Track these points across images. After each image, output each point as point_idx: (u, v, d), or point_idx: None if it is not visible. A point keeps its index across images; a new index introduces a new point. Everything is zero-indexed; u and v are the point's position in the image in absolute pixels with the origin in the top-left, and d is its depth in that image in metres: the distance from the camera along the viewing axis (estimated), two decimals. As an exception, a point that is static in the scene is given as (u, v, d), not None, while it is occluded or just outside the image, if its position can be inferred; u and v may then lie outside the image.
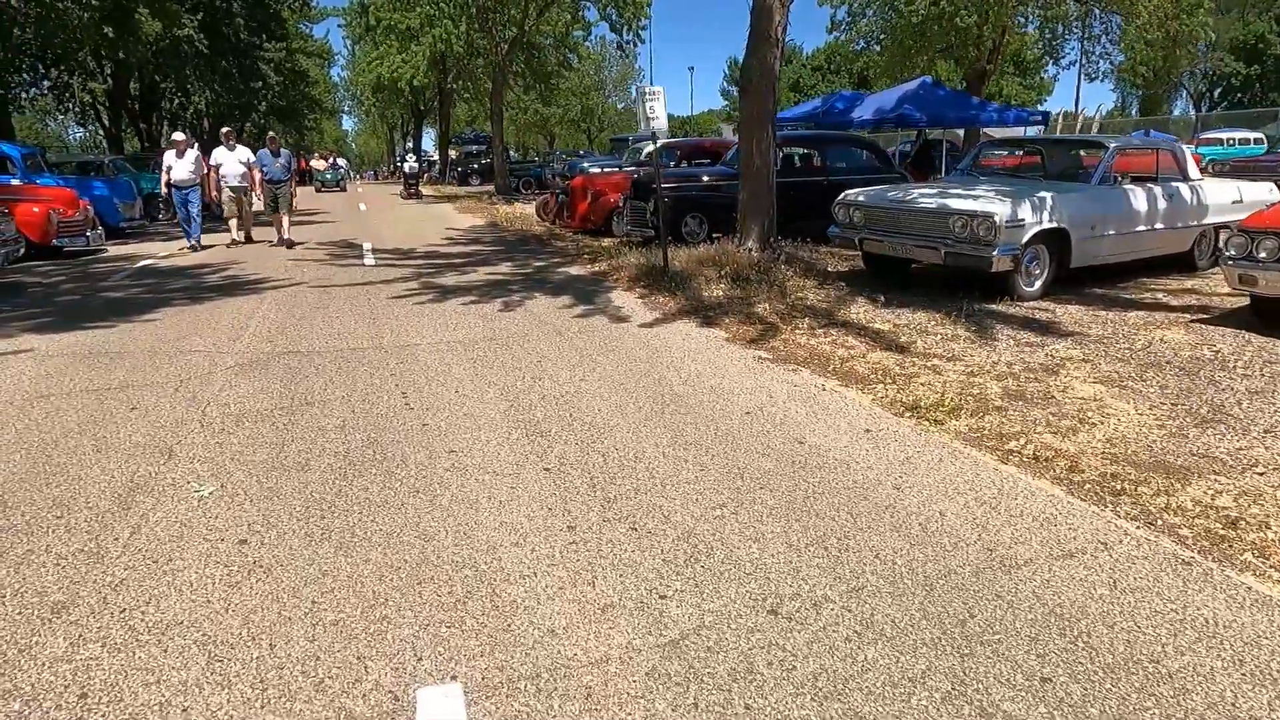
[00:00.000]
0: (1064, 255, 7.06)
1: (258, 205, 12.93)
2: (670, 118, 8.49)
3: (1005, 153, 11.39)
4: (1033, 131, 27.12)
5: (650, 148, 17.37)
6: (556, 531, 2.95)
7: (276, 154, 12.91)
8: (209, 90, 32.21)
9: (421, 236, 14.05)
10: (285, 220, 12.66)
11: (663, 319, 6.68)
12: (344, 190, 33.17)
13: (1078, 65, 28.65)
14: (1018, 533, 2.88)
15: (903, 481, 3.34)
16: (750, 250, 8.38)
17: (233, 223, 12.88)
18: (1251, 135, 28.90)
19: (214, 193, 12.60)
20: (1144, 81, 49.11)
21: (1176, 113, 54.68)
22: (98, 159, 18.32)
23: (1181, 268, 8.23)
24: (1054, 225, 6.83)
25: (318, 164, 37.01)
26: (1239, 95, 52.52)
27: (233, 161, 12.64)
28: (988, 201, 6.75)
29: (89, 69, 30.26)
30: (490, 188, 27.75)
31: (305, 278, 9.26)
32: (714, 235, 10.25)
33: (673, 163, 12.92)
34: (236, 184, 12.63)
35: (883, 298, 6.85)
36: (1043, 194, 6.90)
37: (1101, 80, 35.63)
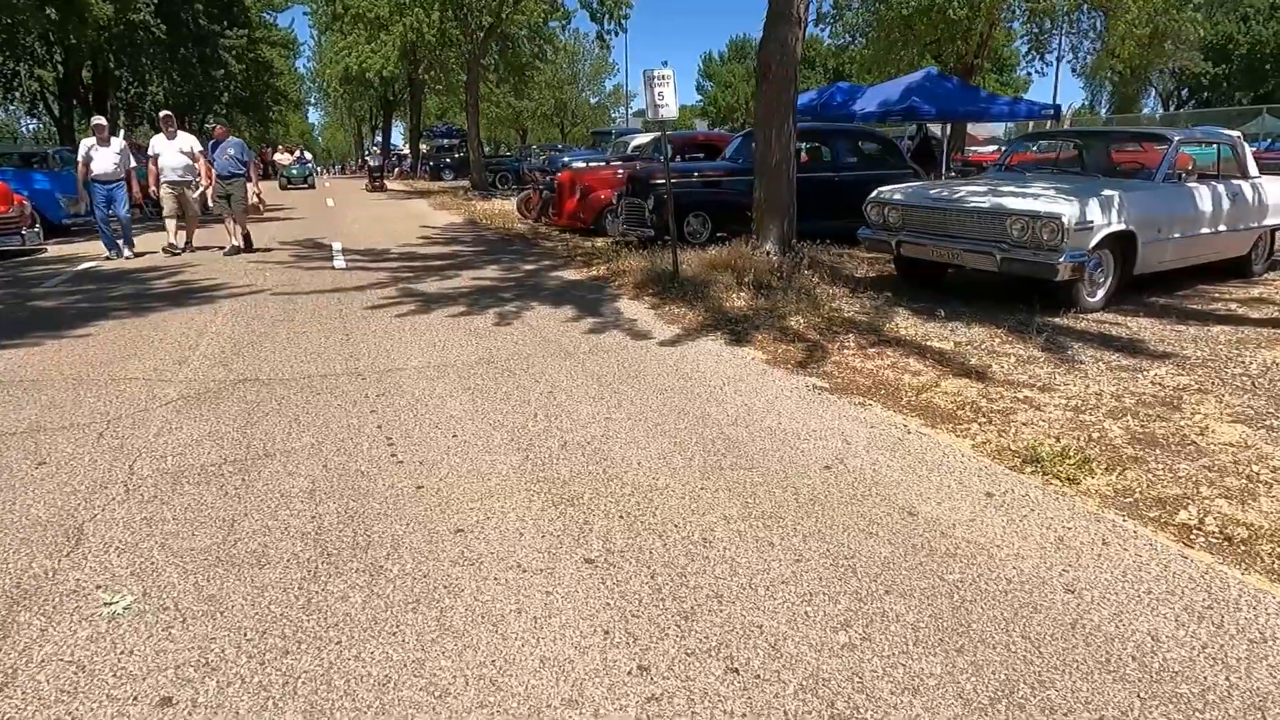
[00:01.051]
0: (1128, 261, 6.32)
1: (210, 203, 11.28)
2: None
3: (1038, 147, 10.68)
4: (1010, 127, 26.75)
5: (639, 140, 16.62)
6: (623, 676, 2.06)
7: (217, 145, 10.93)
8: (167, 79, 30.65)
9: (396, 235, 13.03)
10: (229, 223, 10.86)
11: (685, 335, 5.80)
12: (312, 188, 31.30)
13: (1056, 61, 28.25)
14: (1278, 672, 2.05)
15: (1073, 580, 2.49)
16: (769, 253, 7.53)
17: (170, 224, 10.90)
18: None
19: (153, 187, 10.85)
20: (1119, 78, 49.19)
21: (1146, 112, 54.92)
22: (40, 150, 17.02)
23: (1235, 273, 7.55)
24: (1121, 227, 6.07)
25: (282, 158, 34.92)
26: (1206, 94, 52.88)
27: (172, 152, 10.75)
28: (1050, 201, 5.95)
29: (37, 55, 28.65)
30: (465, 183, 26.64)
31: (268, 284, 8.23)
32: (718, 235, 9.41)
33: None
34: (176, 178, 10.77)
35: (943, 312, 6.03)
36: (1108, 192, 6.12)
37: (1089, 75, 35.21)
